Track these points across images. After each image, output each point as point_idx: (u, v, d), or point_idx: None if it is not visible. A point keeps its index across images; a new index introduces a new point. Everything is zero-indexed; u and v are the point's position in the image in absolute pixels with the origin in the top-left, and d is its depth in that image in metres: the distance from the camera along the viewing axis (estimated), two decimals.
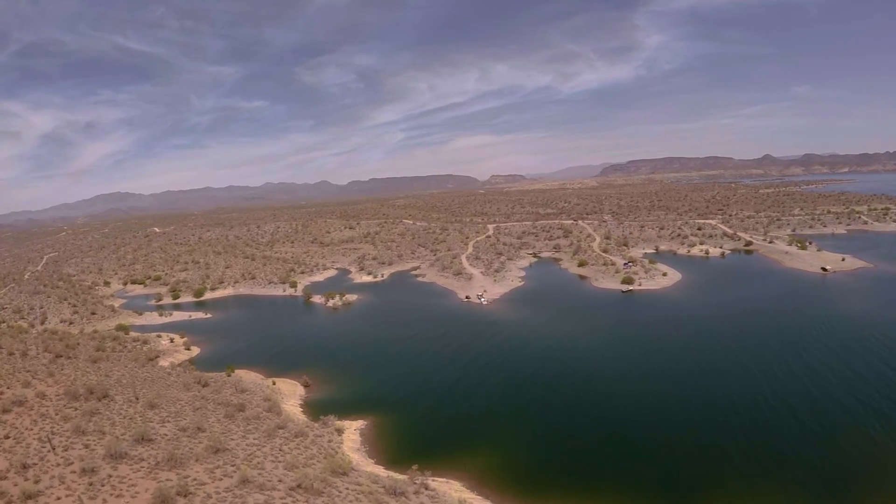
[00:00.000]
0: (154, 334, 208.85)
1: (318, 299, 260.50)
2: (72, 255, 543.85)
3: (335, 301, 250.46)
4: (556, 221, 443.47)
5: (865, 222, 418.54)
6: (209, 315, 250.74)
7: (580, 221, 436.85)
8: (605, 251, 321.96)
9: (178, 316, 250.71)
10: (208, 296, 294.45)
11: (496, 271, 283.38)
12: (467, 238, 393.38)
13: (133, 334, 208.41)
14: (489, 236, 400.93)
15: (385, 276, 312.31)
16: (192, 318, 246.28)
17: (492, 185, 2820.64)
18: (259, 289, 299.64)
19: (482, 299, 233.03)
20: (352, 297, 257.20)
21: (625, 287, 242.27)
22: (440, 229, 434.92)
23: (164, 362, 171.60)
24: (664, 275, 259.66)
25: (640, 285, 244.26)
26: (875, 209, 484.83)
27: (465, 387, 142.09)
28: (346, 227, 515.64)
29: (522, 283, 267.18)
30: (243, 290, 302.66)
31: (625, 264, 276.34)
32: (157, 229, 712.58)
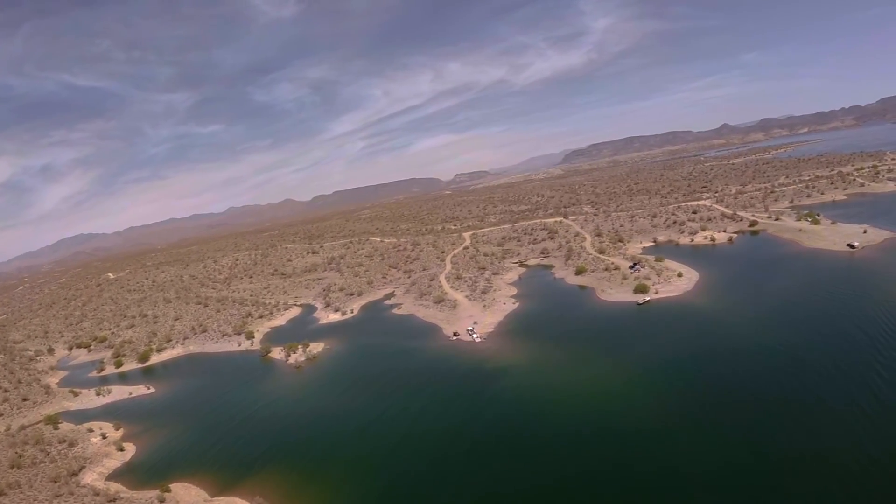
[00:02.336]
0: (86, 427, 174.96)
1: (277, 354, 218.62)
2: (21, 317, 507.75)
3: (297, 356, 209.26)
4: (538, 221, 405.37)
5: (862, 184, 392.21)
6: (152, 389, 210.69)
7: (564, 219, 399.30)
8: (601, 252, 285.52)
9: (118, 393, 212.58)
10: (154, 359, 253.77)
11: (483, 293, 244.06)
12: (443, 252, 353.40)
13: (63, 427, 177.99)
14: (467, 247, 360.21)
15: (355, 312, 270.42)
16: (133, 395, 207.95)
17: (457, 184, 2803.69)
18: (211, 344, 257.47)
19: (474, 335, 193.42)
20: (317, 348, 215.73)
21: (639, 298, 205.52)
22: (412, 245, 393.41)
23: (89, 476, 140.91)
24: (679, 275, 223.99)
25: (656, 293, 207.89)
26: (862, 168, 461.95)
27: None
28: (309, 252, 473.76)
29: (516, 304, 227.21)
30: (193, 347, 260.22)
31: (631, 267, 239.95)
32: (111, 275, 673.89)
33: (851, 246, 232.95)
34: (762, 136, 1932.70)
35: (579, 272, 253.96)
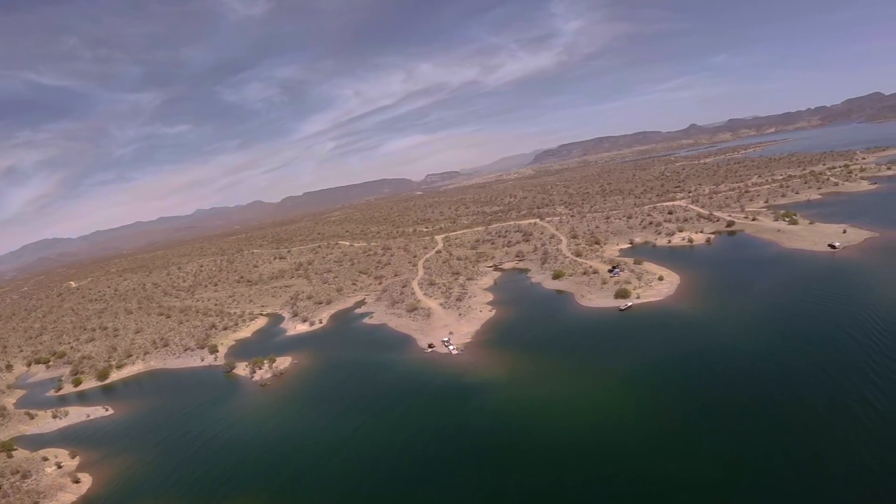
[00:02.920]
0: (41, 455, 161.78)
1: (243, 370, 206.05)
2: None
3: (263, 372, 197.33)
4: (512, 223, 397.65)
5: (836, 183, 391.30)
6: (110, 411, 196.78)
7: (538, 220, 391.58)
8: (578, 254, 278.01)
9: (76, 415, 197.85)
10: (114, 376, 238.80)
11: (458, 300, 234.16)
12: (415, 257, 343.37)
13: (18, 455, 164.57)
14: (440, 251, 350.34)
15: (324, 322, 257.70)
16: (91, 417, 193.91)
17: (428, 184, 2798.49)
18: (173, 360, 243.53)
19: (450, 346, 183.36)
20: (284, 363, 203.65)
21: (621, 303, 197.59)
22: (382, 249, 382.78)
23: None
24: (660, 279, 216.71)
25: (638, 298, 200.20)
26: (834, 168, 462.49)
27: None
28: (276, 258, 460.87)
29: (493, 311, 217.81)
30: (154, 363, 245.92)
31: (611, 271, 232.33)
32: (73, 283, 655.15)
33: (832, 246, 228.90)
34: (730, 136, 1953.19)
35: (557, 276, 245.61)
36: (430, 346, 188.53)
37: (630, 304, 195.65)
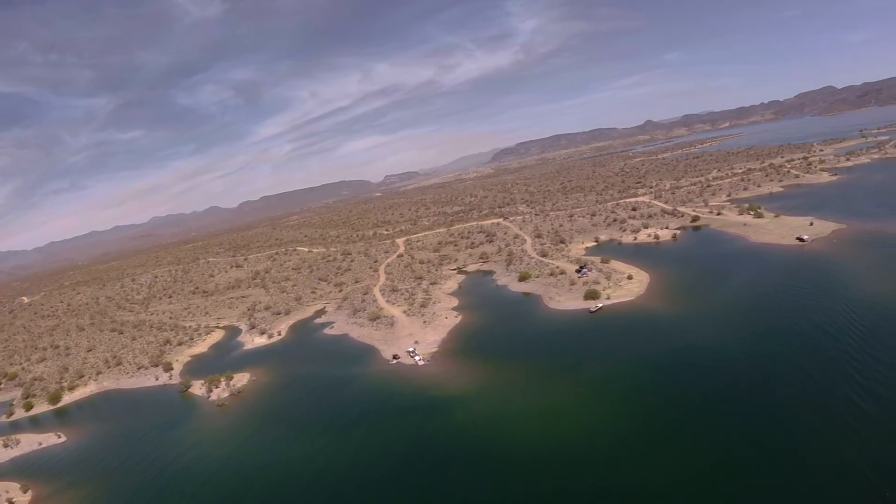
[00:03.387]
0: None
1: (199, 389, 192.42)
2: None
3: (220, 391, 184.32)
4: (474, 223, 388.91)
5: (797, 176, 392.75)
6: (63, 438, 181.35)
7: (501, 220, 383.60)
8: (543, 254, 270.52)
9: (27, 443, 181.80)
10: (67, 399, 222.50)
11: (422, 306, 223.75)
12: (376, 261, 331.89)
13: None
14: (401, 255, 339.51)
15: (283, 334, 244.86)
16: (43, 445, 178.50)
17: (387, 185, 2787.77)
18: (126, 379, 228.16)
19: (416, 357, 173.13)
20: (242, 380, 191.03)
21: (591, 305, 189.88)
22: (342, 255, 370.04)
23: None
24: (630, 278, 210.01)
25: (608, 299, 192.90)
26: (793, 160, 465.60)
27: None
28: (232, 266, 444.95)
29: (459, 317, 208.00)
30: (108, 383, 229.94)
31: (578, 271, 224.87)
32: (25, 299, 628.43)
33: (801, 239, 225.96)
34: (685, 132, 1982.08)
35: (523, 278, 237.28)
36: (395, 357, 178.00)
37: (600, 305, 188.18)
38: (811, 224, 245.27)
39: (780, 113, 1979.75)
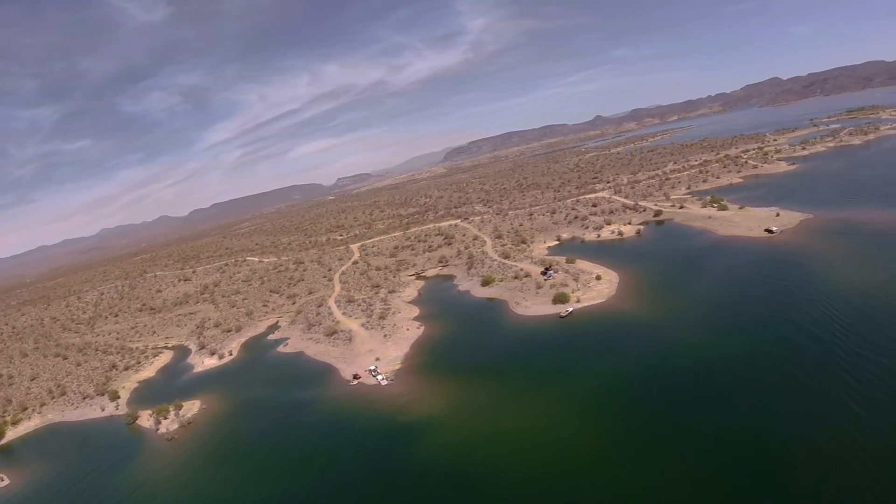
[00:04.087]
0: None
1: (146, 420, 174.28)
2: None
3: (169, 422, 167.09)
4: (431, 226, 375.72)
5: (755, 166, 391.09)
6: (5, 481, 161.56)
7: (459, 221, 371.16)
8: (505, 256, 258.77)
9: None
10: (11, 435, 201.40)
11: (381, 318, 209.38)
12: (330, 270, 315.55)
13: None
14: (356, 262, 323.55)
15: (234, 353, 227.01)
16: None
17: (339, 188, 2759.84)
18: (72, 411, 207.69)
19: (378, 376, 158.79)
20: (192, 408, 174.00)
21: (560, 309, 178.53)
22: (294, 264, 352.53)
23: None
24: (598, 278, 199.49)
25: (578, 302, 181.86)
26: (749, 151, 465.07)
27: None
28: (180, 280, 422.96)
29: (421, 328, 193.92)
30: (52, 415, 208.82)
31: (544, 273, 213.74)
32: None
33: (770, 231, 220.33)
34: (635, 126, 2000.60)
35: (487, 283, 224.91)
36: (356, 376, 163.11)
37: (570, 309, 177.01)
38: (777, 215, 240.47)
39: (728, 105, 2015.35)
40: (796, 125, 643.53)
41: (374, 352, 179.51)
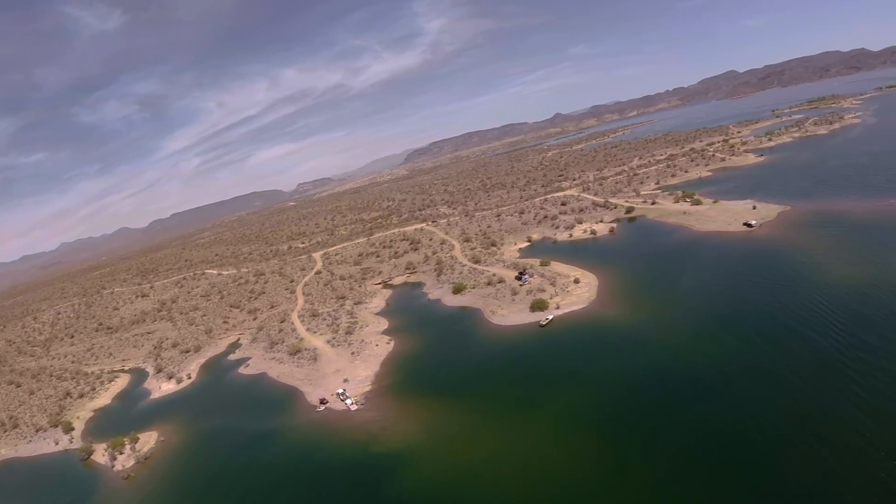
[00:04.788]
0: None
1: (101, 455, 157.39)
2: None
3: (125, 457, 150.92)
4: (396, 230, 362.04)
5: (723, 159, 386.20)
6: None
7: (425, 225, 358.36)
8: (476, 261, 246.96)
9: None
10: None
11: (348, 333, 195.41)
12: (292, 282, 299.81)
13: None
14: (319, 272, 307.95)
15: (193, 377, 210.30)
16: None
17: (300, 193, 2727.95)
18: (25, 445, 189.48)
19: (347, 400, 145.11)
20: (149, 441, 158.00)
21: (540, 317, 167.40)
22: (255, 276, 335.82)
23: None
24: (576, 282, 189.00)
25: (557, 308, 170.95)
26: (714, 143, 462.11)
27: None
28: (138, 296, 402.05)
29: (391, 343, 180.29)
30: (6, 451, 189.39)
31: (518, 277, 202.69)
32: None
33: (748, 225, 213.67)
34: (595, 122, 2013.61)
35: (458, 290, 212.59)
36: (323, 401, 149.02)
37: (550, 317, 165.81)
38: (754, 208, 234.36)
39: (686, 99, 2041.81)
40: (758, 116, 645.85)
41: (342, 372, 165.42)
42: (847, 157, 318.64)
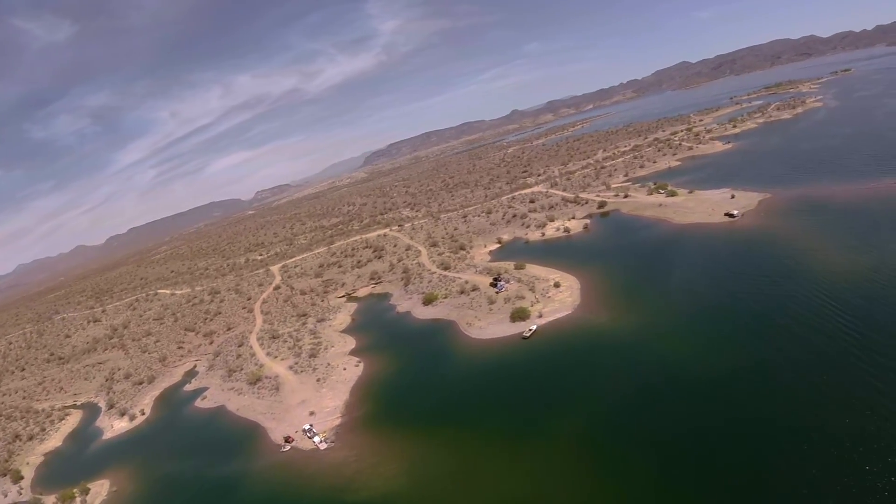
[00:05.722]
0: None
1: None
2: None
3: None
4: (358, 237, 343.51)
5: (690, 147, 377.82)
6: None
7: (388, 230, 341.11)
8: (445, 267, 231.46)
9: None
10: None
11: (312, 356, 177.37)
12: (249, 299, 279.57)
13: None
14: (278, 287, 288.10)
15: (147, 412, 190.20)
16: None
17: (259, 201, 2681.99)
18: None
19: (315, 437, 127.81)
20: (101, 492, 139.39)
21: (522, 328, 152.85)
22: (210, 294, 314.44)
23: None
24: (556, 285, 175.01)
25: (540, 317, 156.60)
26: (677, 132, 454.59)
27: None
28: (90, 321, 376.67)
29: (360, 365, 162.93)
30: None
31: (494, 284, 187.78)
32: None
33: (731, 215, 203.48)
34: (552, 117, 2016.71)
35: (429, 301, 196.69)
36: (288, 439, 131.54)
37: (534, 327, 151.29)
38: (733, 197, 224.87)
39: (640, 91, 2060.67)
40: (717, 104, 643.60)
41: (307, 403, 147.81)
42: (818, 140, 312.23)
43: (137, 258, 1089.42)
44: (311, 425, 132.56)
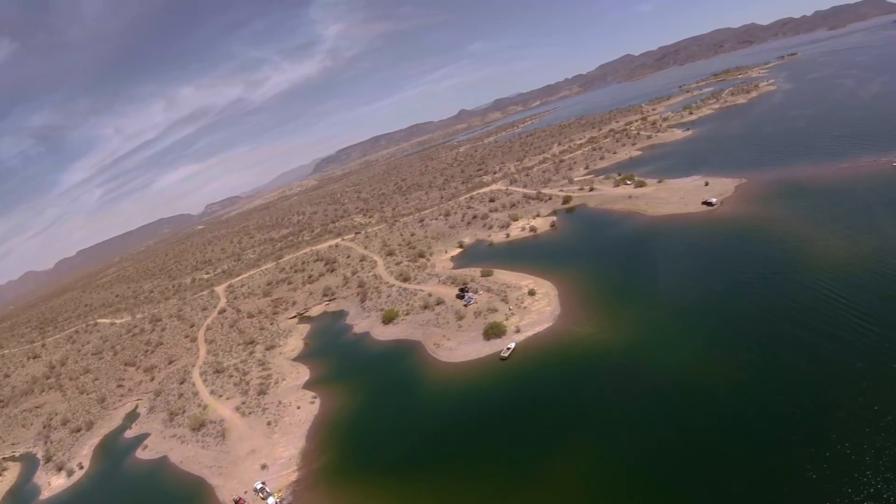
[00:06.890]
0: None
1: None
2: None
3: None
4: (308, 250, 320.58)
5: (649, 136, 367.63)
6: None
7: (340, 240, 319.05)
8: (404, 279, 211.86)
9: None
10: None
11: (261, 393, 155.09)
12: (192, 326, 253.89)
13: None
14: (223, 310, 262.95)
15: (86, 466, 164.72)
16: None
17: (209, 215, 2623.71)
18: None
19: (268, 498, 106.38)
20: None
21: (499, 346, 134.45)
22: (150, 323, 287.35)
23: None
24: (531, 293, 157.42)
25: (518, 332, 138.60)
26: (632, 122, 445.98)
27: None
28: (30, 357, 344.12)
29: (316, 402, 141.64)
30: None
31: (461, 295, 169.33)
32: None
33: (709, 203, 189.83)
34: (500, 115, 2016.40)
35: (390, 318, 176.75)
36: (238, 501, 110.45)
37: (512, 345, 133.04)
38: (706, 184, 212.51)
39: (586, 85, 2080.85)
40: (667, 94, 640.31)
41: (258, 453, 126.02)
42: (780, 123, 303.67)
43: (84, 282, 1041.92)
44: (263, 483, 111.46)
